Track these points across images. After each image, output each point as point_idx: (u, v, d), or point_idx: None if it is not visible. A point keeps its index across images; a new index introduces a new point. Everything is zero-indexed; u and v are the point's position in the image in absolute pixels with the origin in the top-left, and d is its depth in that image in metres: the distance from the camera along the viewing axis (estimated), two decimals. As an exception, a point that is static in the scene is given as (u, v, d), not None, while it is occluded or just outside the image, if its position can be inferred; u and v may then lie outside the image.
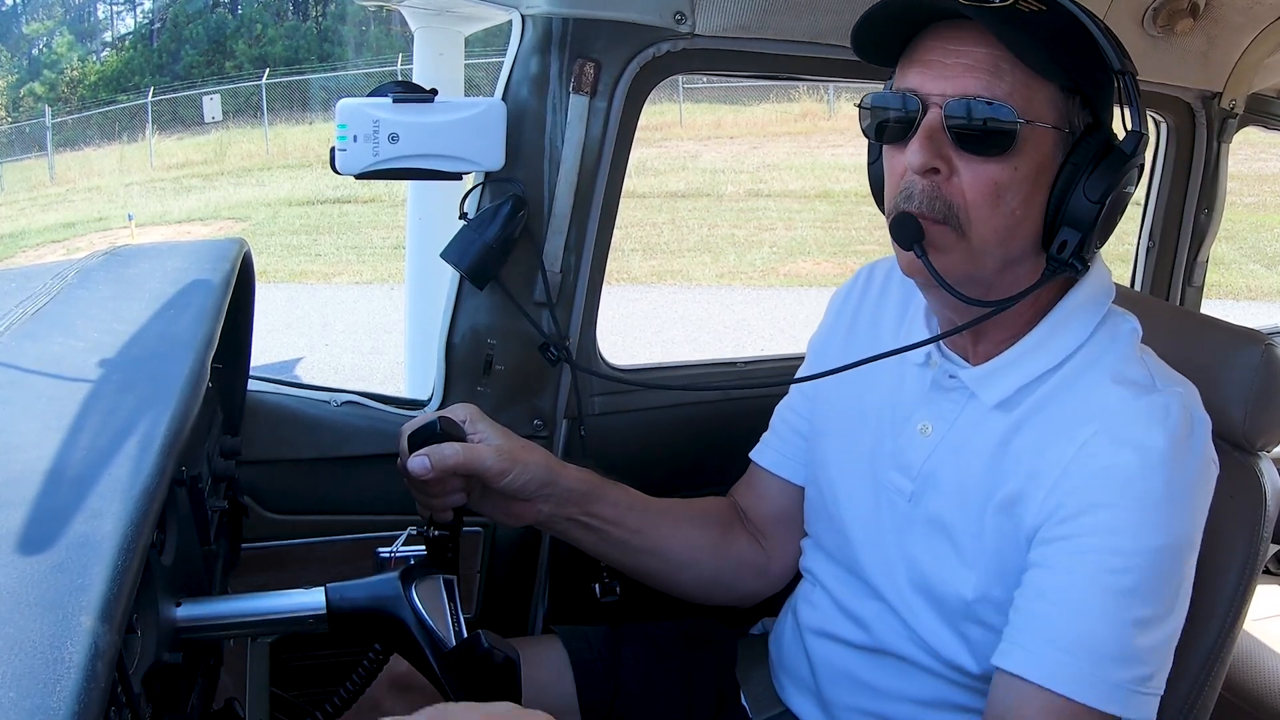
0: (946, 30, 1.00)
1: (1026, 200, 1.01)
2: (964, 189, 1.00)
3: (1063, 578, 1.00)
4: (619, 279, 8.70)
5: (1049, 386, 1.08)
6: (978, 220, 1.00)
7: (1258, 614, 1.57)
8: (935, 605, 1.11)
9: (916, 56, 1.02)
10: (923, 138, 0.99)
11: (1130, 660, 0.98)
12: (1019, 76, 0.98)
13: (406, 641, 0.95)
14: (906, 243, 1.02)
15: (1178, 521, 1.00)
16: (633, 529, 1.27)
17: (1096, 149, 1.01)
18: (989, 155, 0.99)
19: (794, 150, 14.47)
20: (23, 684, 0.49)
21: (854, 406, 1.23)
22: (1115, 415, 1.01)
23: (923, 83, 1.01)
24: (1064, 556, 1.01)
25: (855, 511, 1.21)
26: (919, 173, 1.00)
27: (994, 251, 1.02)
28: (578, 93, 1.40)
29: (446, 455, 1.10)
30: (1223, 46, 1.79)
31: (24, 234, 12.39)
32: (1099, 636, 0.98)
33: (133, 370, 0.85)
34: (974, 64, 0.98)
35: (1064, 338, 1.08)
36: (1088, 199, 1.00)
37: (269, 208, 12.91)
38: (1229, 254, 9.33)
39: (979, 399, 1.10)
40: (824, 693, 1.23)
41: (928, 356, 1.16)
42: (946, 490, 1.11)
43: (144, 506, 0.65)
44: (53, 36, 22.57)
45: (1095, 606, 0.98)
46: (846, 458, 1.23)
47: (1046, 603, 1.01)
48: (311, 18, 23.98)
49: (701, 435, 1.67)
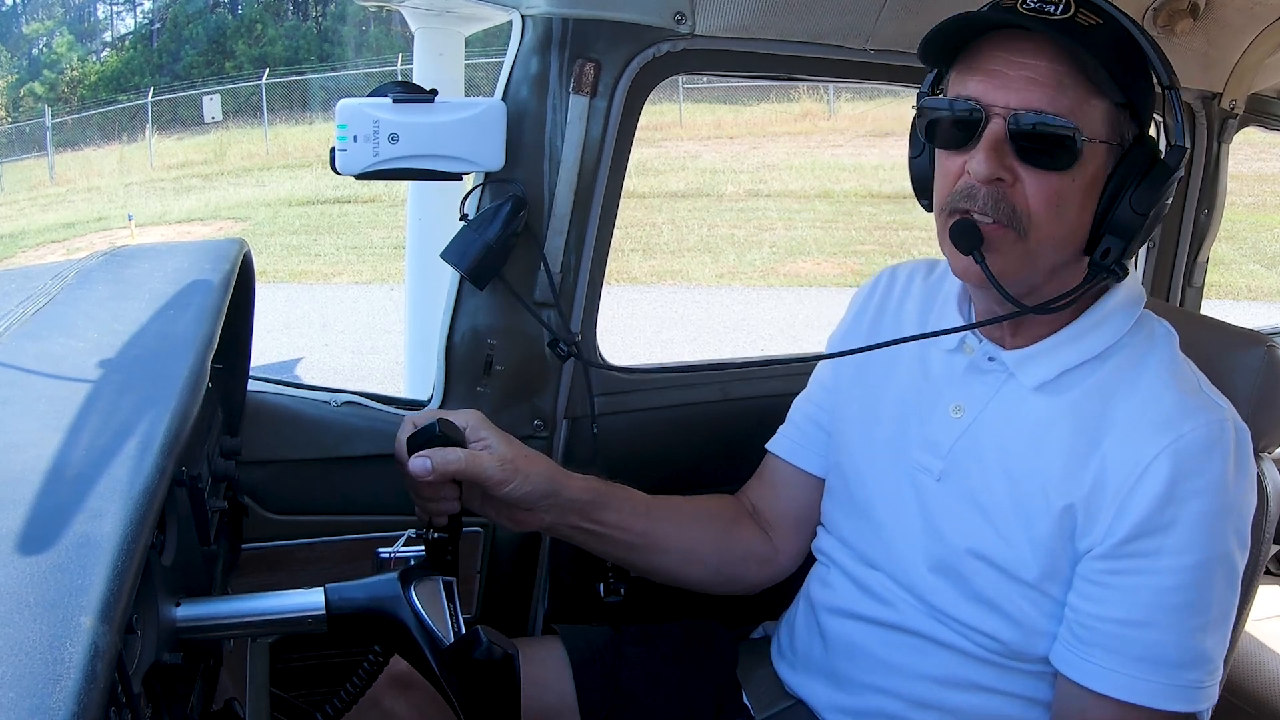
0: (1007, 40, 1.03)
1: (1080, 209, 1.05)
2: (1027, 197, 1.03)
3: (1129, 596, 1.04)
4: (619, 279, 8.71)
5: (1098, 380, 1.10)
6: (1038, 227, 1.04)
7: (1258, 614, 1.57)
8: (958, 583, 1.13)
9: (977, 65, 1.04)
10: (988, 148, 1.02)
11: (1196, 663, 1.04)
12: (1079, 92, 1.01)
13: (406, 642, 0.95)
14: (966, 248, 1.04)
15: (1234, 533, 1.05)
16: (638, 533, 1.28)
17: (1144, 162, 1.04)
18: (1052, 168, 1.02)
19: (794, 150, 14.47)
20: (23, 684, 0.49)
21: (875, 395, 1.26)
22: (1181, 439, 1.04)
23: (985, 92, 1.02)
24: (1129, 574, 1.04)
25: (879, 495, 1.22)
26: (983, 181, 1.03)
27: (1049, 256, 1.06)
28: (578, 93, 1.40)
29: (450, 460, 1.11)
30: (1223, 47, 1.79)
31: (24, 234, 12.39)
32: (1167, 647, 1.03)
33: (133, 370, 0.85)
34: (1037, 77, 1.01)
35: (1101, 333, 1.12)
36: (1134, 210, 1.04)
37: (269, 208, 12.91)
38: (1229, 254, 9.34)
39: (1017, 380, 1.14)
40: (839, 671, 1.24)
41: (961, 342, 1.19)
42: (983, 468, 1.13)
43: (144, 507, 0.65)
44: (53, 36, 22.58)
45: (1162, 620, 1.03)
46: (869, 444, 1.25)
47: (1113, 619, 1.05)
48: (311, 18, 23.99)
49: (701, 435, 1.67)
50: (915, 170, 1.17)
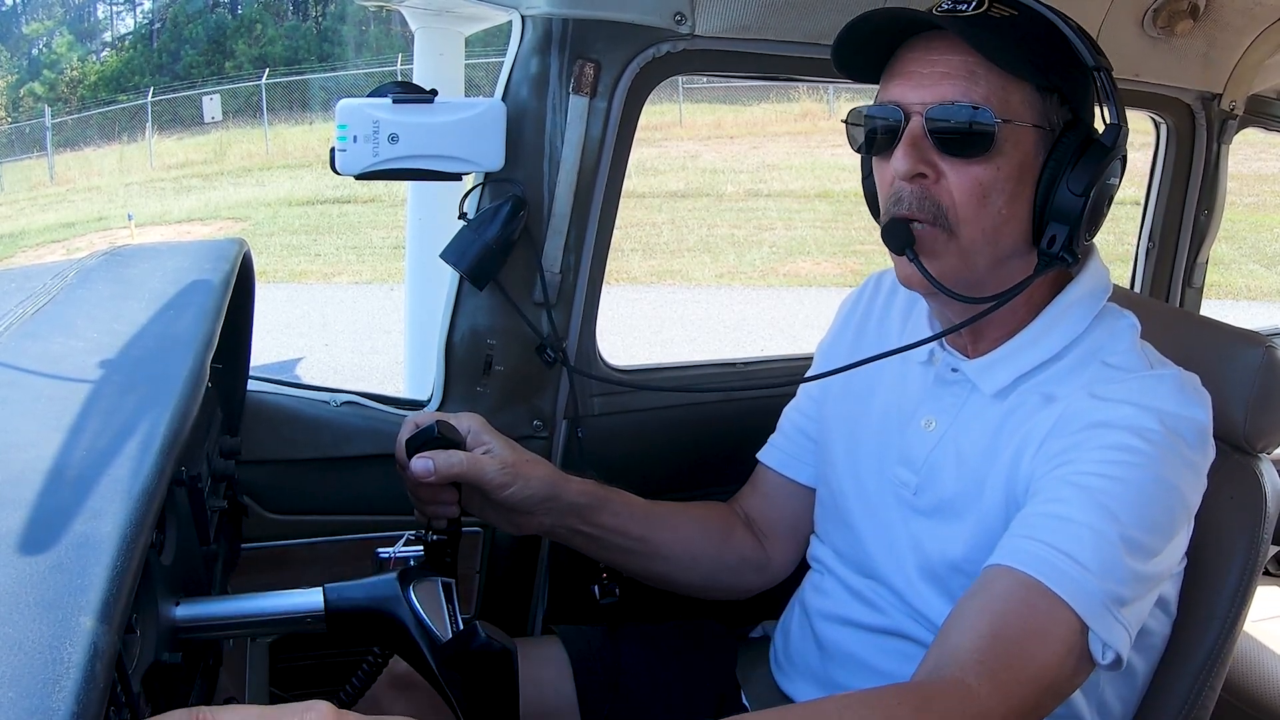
0: (923, 42, 1.05)
1: (1012, 198, 1.04)
2: (951, 190, 1.03)
3: (1049, 491, 1.00)
4: (618, 279, 8.70)
5: (1046, 375, 1.10)
6: (966, 220, 1.03)
7: (1258, 615, 1.57)
8: (947, 593, 1.12)
9: (897, 70, 1.06)
10: (906, 145, 1.03)
11: (1108, 572, 0.95)
12: (994, 80, 1.01)
13: (405, 641, 0.95)
14: (898, 247, 1.05)
15: (1169, 467, 1.00)
16: (635, 536, 1.28)
17: (1077, 144, 1.04)
18: (971, 156, 1.02)
19: (794, 150, 14.47)
20: (22, 684, 0.49)
21: (859, 408, 1.26)
22: (1110, 383, 1.04)
23: (904, 93, 1.04)
24: (1053, 480, 1.01)
25: (863, 510, 1.22)
26: (905, 179, 1.04)
27: (984, 250, 1.05)
28: (578, 93, 1.40)
29: (452, 463, 1.11)
30: (1223, 47, 1.79)
31: (24, 234, 12.38)
32: (1081, 541, 0.95)
33: (133, 370, 0.85)
34: (950, 71, 1.02)
35: (1061, 330, 1.10)
36: (1072, 192, 1.03)
37: (269, 208, 12.90)
38: (1229, 254, 9.33)
39: (980, 390, 1.13)
40: (834, 677, 1.23)
41: (930, 354, 1.19)
42: (956, 479, 1.13)
43: (143, 506, 0.65)
44: (53, 36, 22.58)
45: (1080, 516, 0.96)
46: (853, 458, 1.25)
47: (1029, 511, 1.00)
48: (311, 18, 23.98)
49: (701, 436, 1.67)
50: (866, 190, 1.16)
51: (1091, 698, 1.12)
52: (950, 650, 0.94)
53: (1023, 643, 0.93)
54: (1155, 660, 1.17)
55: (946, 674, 0.91)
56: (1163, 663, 1.18)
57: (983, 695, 0.88)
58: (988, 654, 0.92)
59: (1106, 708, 1.14)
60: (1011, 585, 0.96)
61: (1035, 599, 0.94)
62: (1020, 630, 0.94)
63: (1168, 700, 1.18)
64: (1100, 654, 0.95)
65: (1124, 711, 1.17)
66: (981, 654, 0.91)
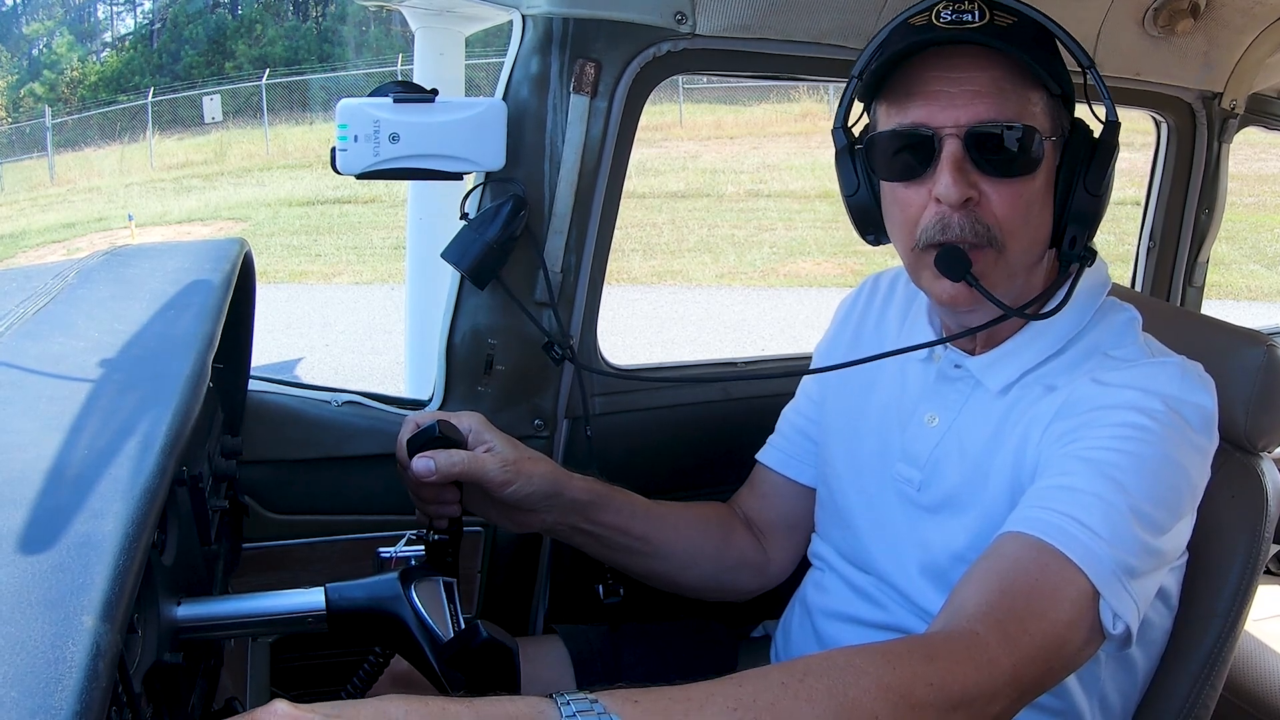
0: (935, 59, 1.02)
1: (1044, 207, 1.05)
2: (994, 210, 1.03)
3: (1057, 465, 1.00)
4: (619, 279, 8.70)
5: (1049, 368, 1.11)
6: (1013, 235, 1.04)
7: (1258, 614, 1.56)
8: (949, 587, 1.11)
9: (912, 90, 1.03)
10: (952, 169, 1.00)
11: (1118, 540, 0.94)
12: (1019, 92, 1.01)
13: (406, 641, 0.95)
14: (958, 275, 1.03)
15: (1175, 446, 0.99)
16: (637, 536, 1.27)
17: (1085, 145, 1.05)
18: (1015, 175, 1.02)
19: (794, 150, 14.45)
20: (24, 683, 0.49)
21: (858, 407, 1.26)
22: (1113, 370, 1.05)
23: (931, 115, 1.02)
24: (1060, 456, 1.01)
25: (864, 508, 1.22)
26: (955, 205, 1.01)
27: (1025, 262, 1.07)
28: (578, 93, 1.40)
29: (454, 462, 1.11)
30: (1223, 47, 1.79)
31: (24, 234, 12.39)
32: (1091, 510, 0.95)
33: (133, 370, 0.85)
34: (978, 89, 1.00)
35: (1062, 325, 1.11)
36: (1089, 193, 1.04)
37: (269, 208, 12.91)
38: (1229, 254, 9.33)
39: (984, 386, 1.14)
40: None
41: (931, 351, 1.19)
42: (960, 474, 1.13)
43: (145, 506, 0.65)
44: (53, 37, 22.59)
45: (1089, 487, 0.96)
46: (853, 457, 1.25)
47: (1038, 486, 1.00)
48: (311, 18, 24.00)
49: (702, 435, 1.67)
50: (855, 207, 1.14)
51: (1092, 691, 1.12)
52: (959, 606, 0.93)
53: (1031, 599, 0.92)
54: (1156, 655, 1.17)
55: (955, 626, 0.91)
56: (1164, 661, 1.18)
57: (991, 644, 0.88)
58: (997, 607, 0.91)
59: (1107, 702, 1.14)
60: (1023, 548, 0.95)
61: (1047, 560, 0.94)
62: (1030, 588, 0.93)
63: (1169, 699, 1.18)
64: (1111, 624, 0.94)
65: (1124, 707, 1.17)
66: (991, 607, 0.91)
